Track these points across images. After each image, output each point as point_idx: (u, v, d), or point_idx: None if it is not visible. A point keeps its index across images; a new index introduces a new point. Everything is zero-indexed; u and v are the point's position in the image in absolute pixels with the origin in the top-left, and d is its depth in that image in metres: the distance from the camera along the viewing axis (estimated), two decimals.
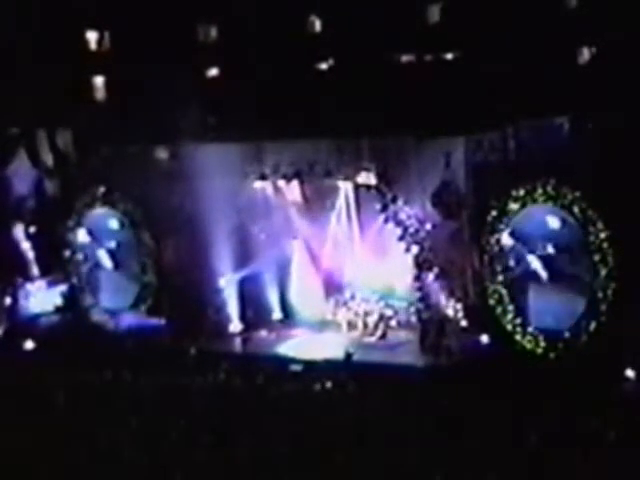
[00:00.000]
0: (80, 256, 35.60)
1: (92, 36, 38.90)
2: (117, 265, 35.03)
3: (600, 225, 27.15)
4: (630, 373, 25.71)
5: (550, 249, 28.10)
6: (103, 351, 30.92)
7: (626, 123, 27.18)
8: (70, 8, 37.37)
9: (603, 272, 27.05)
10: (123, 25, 37.72)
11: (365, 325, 32.20)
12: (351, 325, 32.49)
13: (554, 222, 27.94)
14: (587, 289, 27.39)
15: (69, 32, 37.97)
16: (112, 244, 34.97)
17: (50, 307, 36.13)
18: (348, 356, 29.62)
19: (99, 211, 35.12)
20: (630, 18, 30.22)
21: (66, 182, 36.80)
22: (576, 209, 27.51)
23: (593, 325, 27.13)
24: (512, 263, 28.60)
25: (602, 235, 27.17)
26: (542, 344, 28.05)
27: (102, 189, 34.95)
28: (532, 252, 28.31)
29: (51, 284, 36.50)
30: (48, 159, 37.22)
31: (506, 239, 28.53)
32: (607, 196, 26.93)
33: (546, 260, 28.14)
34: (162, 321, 33.62)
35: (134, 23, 37.08)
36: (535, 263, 28.29)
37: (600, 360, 26.10)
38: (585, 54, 32.44)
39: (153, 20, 36.53)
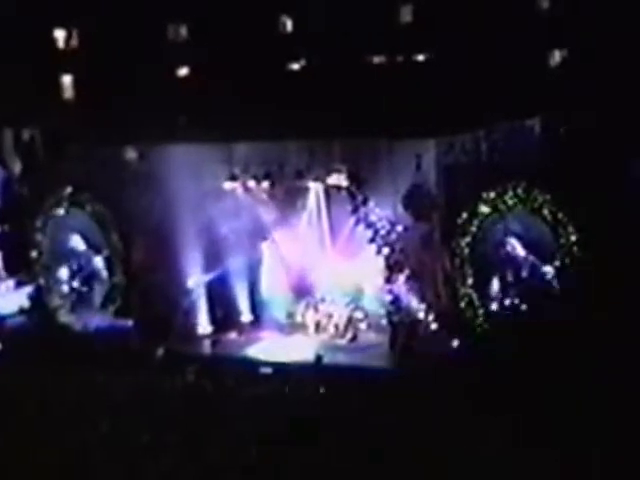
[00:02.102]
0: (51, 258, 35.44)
1: (60, 34, 38.60)
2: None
3: (570, 228, 27.15)
4: (603, 377, 25.69)
5: (520, 251, 28.11)
6: (71, 353, 30.65)
7: (597, 125, 27.21)
8: (39, 6, 37.06)
9: (573, 275, 27.04)
10: (92, 24, 37.47)
11: (335, 327, 32.14)
12: (321, 327, 32.42)
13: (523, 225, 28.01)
14: (556, 292, 27.38)
15: (37, 30, 37.67)
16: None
17: (15, 309, 35.75)
18: (318, 358, 29.52)
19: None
20: (600, 20, 30.33)
21: (34, 182, 36.43)
22: (546, 212, 27.51)
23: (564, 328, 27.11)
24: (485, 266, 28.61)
25: (572, 238, 27.17)
26: (513, 347, 27.98)
27: (70, 189, 34.68)
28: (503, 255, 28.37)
29: (17, 285, 36.12)
30: (15, 159, 36.87)
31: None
32: (578, 199, 26.95)
33: (516, 263, 28.16)
34: (130, 322, 33.33)
35: (103, 22, 36.84)
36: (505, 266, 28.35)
37: (572, 364, 26.08)
38: (556, 56, 32.53)
39: (123, 19, 36.30)
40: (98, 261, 34.63)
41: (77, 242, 34.99)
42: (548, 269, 27.65)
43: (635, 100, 28.13)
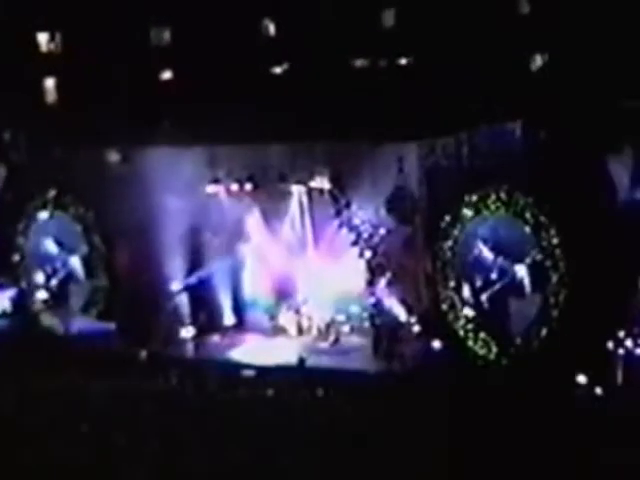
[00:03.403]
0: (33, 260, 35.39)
1: (44, 37, 38.51)
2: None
3: (552, 231, 27.25)
4: (582, 379, 25.82)
5: (502, 254, 28.22)
6: (53, 356, 30.57)
7: (577, 128, 27.33)
8: (21, 9, 36.98)
9: (555, 278, 27.16)
10: (76, 27, 37.39)
11: (318, 330, 32.16)
12: (304, 330, 32.44)
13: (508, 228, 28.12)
14: (539, 295, 27.48)
15: (20, 33, 37.57)
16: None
17: None
18: (301, 361, 29.54)
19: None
20: (582, 24, 30.46)
21: (17, 185, 36.31)
22: (528, 215, 27.61)
23: (545, 331, 27.23)
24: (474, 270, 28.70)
25: (554, 241, 27.28)
26: (494, 350, 28.12)
27: (53, 192, 34.62)
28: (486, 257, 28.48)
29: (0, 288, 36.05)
30: None
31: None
32: (559, 202, 27.06)
33: (499, 266, 28.27)
34: (113, 325, 33.28)
35: (87, 25, 36.76)
36: (489, 269, 28.44)
37: (551, 366, 26.20)
38: (538, 60, 32.64)
39: (106, 22, 36.23)
40: (74, 263, 34.60)
41: (51, 245, 34.95)
42: (521, 271, 27.77)
43: (615, 103, 28.26)
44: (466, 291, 28.60)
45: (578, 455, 21.43)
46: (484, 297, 28.42)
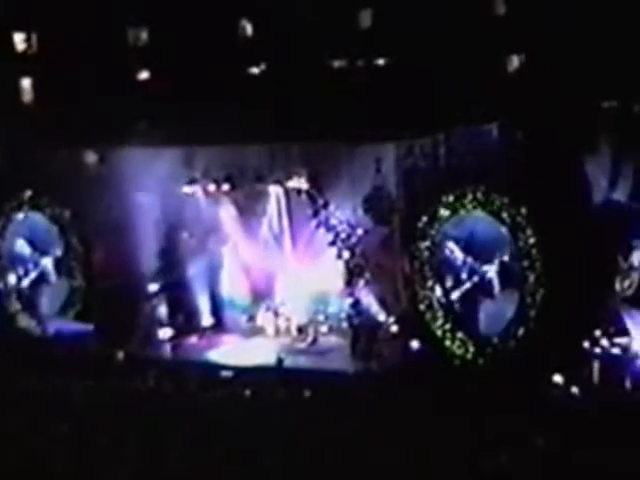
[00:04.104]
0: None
1: (19, 37, 38.31)
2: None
3: (529, 231, 27.38)
4: (558, 379, 25.96)
5: (477, 255, 28.34)
6: (30, 357, 30.47)
7: (555, 130, 27.47)
8: None
9: (532, 278, 27.29)
10: (52, 27, 37.22)
11: (297, 331, 32.16)
12: (282, 331, 32.43)
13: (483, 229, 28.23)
14: (516, 295, 27.61)
15: None
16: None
17: None
18: (279, 362, 29.55)
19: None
20: (559, 26, 30.58)
21: None
22: (505, 215, 27.72)
23: (522, 331, 27.35)
24: (445, 270, 28.77)
25: (531, 241, 27.40)
26: (471, 349, 28.23)
27: (29, 193, 34.48)
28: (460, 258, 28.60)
29: None
30: None
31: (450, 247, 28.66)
32: (536, 202, 27.19)
33: (474, 266, 28.38)
34: (90, 326, 33.17)
35: (63, 25, 36.59)
36: (466, 269, 28.54)
37: (529, 365, 26.32)
38: (514, 61, 32.76)
39: (82, 22, 36.08)
40: (51, 264, 34.49)
41: (25, 247, 34.83)
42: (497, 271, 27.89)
43: (591, 104, 28.42)
44: (439, 291, 28.68)
45: (554, 454, 21.55)
46: (460, 297, 28.53)
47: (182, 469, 22.23)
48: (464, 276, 28.55)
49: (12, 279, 35.33)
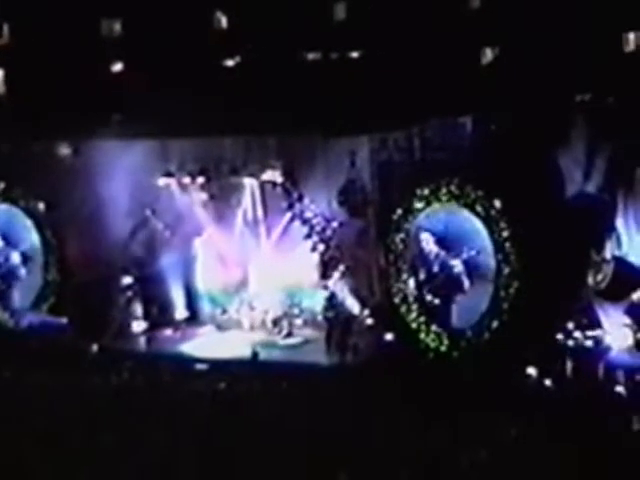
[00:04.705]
0: None
1: None
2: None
3: (503, 224, 27.48)
4: (531, 370, 26.10)
5: (451, 247, 28.43)
6: (2, 350, 30.35)
7: (529, 123, 27.56)
8: None
9: (506, 271, 27.39)
10: (24, 18, 37.01)
11: (272, 323, 32.16)
12: (257, 324, 32.43)
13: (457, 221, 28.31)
14: (489, 288, 27.72)
15: None
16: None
17: None
18: (254, 355, 29.57)
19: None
20: (534, 18, 30.69)
21: None
22: (479, 208, 27.81)
23: (495, 323, 27.46)
24: (418, 263, 28.83)
25: (505, 234, 27.50)
26: (445, 342, 28.33)
27: (2, 185, 34.29)
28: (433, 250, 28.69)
29: None
30: None
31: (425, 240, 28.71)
32: (510, 195, 27.29)
33: (446, 259, 28.49)
34: (64, 319, 33.05)
35: (36, 16, 36.40)
36: (440, 262, 28.63)
37: (502, 358, 26.45)
38: (488, 54, 32.85)
39: (56, 13, 35.90)
40: (24, 256, 34.35)
41: (4, 240, 34.70)
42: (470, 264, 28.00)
43: (565, 96, 28.55)
44: (412, 283, 28.75)
45: (528, 447, 21.67)
46: (433, 290, 28.61)
47: (157, 462, 22.21)
48: (438, 269, 28.61)
49: None
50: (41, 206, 33.84)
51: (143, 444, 23.13)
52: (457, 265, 28.25)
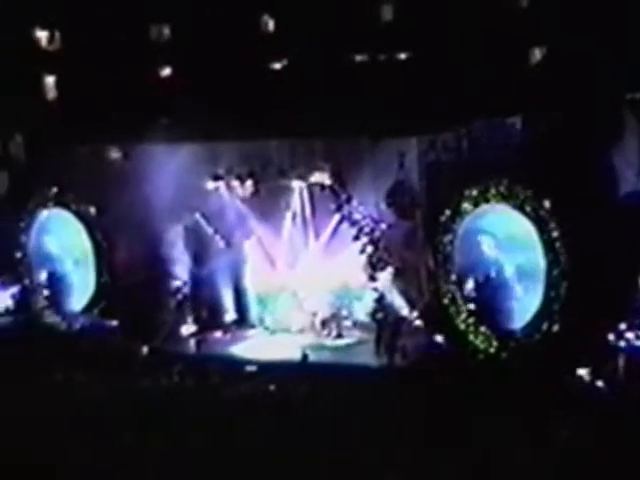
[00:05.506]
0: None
1: (43, 35, 38.55)
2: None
3: (552, 224, 27.26)
4: (583, 372, 25.84)
5: (502, 248, 28.25)
6: (55, 353, 30.66)
7: (579, 122, 27.34)
8: (19, 7, 37.02)
9: (556, 271, 27.17)
10: (73, 24, 37.42)
11: (321, 325, 32.16)
12: (306, 325, 32.43)
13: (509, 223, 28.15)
14: (540, 289, 27.50)
15: (18, 31, 37.62)
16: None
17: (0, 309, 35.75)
18: (304, 357, 29.58)
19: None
20: (582, 17, 30.45)
21: (18, 183, 36.38)
22: (528, 208, 27.61)
23: (545, 325, 27.24)
24: (468, 264, 28.69)
25: (554, 234, 27.28)
26: (494, 343, 28.14)
27: (54, 190, 34.68)
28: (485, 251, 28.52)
29: (1, 286, 36.02)
30: None
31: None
32: (559, 195, 27.07)
33: (497, 259, 28.31)
34: (115, 322, 33.32)
35: (85, 22, 36.80)
36: (489, 263, 28.47)
37: (553, 360, 26.22)
38: (537, 54, 32.64)
39: (105, 19, 36.27)
40: (76, 260, 34.70)
41: (51, 243, 35.09)
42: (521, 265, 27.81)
43: (615, 96, 28.27)
44: (469, 285, 28.59)
45: (581, 448, 21.47)
46: (483, 291, 28.44)
47: (206, 464, 22.31)
48: (487, 270, 28.45)
49: (38, 276, 35.56)
50: (92, 210, 34.16)
51: (193, 445, 23.24)
52: (511, 265, 28.08)
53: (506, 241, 28.21)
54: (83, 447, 23.38)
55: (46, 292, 35.25)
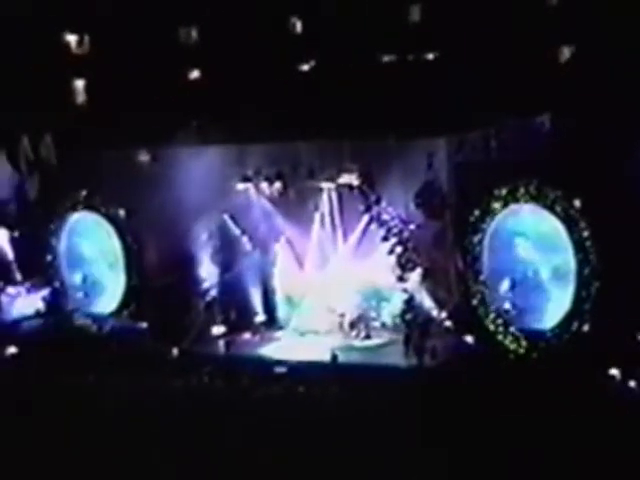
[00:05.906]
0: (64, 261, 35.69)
1: (72, 39, 38.79)
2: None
3: (582, 224, 27.13)
4: (614, 372, 25.69)
5: (533, 250, 28.14)
6: (86, 355, 30.82)
7: (606, 122, 27.19)
8: (50, 10, 37.26)
9: (586, 271, 27.04)
10: (103, 28, 37.63)
11: (349, 326, 32.13)
12: (334, 326, 32.41)
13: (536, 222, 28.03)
14: (570, 288, 27.37)
15: (49, 35, 37.86)
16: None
17: (31, 311, 35.91)
18: (333, 358, 29.56)
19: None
20: (610, 18, 30.31)
21: (48, 186, 36.60)
22: (558, 208, 27.50)
23: (576, 325, 27.12)
24: (496, 264, 28.60)
25: (584, 234, 27.15)
26: (524, 344, 28.03)
27: (84, 193, 34.88)
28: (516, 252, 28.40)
29: (32, 289, 36.25)
30: (30, 163, 37.02)
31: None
32: (589, 195, 26.94)
33: (527, 260, 28.20)
34: (145, 324, 33.45)
35: (115, 26, 36.98)
36: (519, 263, 28.36)
37: (584, 360, 26.08)
38: (566, 53, 32.51)
39: (134, 22, 36.44)
40: (105, 263, 34.89)
41: (82, 245, 35.30)
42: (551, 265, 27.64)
43: None
44: (505, 285, 28.48)
45: (612, 449, 21.34)
46: (511, 291, 28.33)
47: (236, 465, 22.36)
48: (523, 271, 28.33)
49: (70, 278, 35.77)
50: (121, 213, 34.31)
51: (223, 445, 23.30)
52: (541, 264, 27.97)
53: (539, 242, 28.11)
54: (114, 446, 23.48)
55: (79, 294, 35.43)
